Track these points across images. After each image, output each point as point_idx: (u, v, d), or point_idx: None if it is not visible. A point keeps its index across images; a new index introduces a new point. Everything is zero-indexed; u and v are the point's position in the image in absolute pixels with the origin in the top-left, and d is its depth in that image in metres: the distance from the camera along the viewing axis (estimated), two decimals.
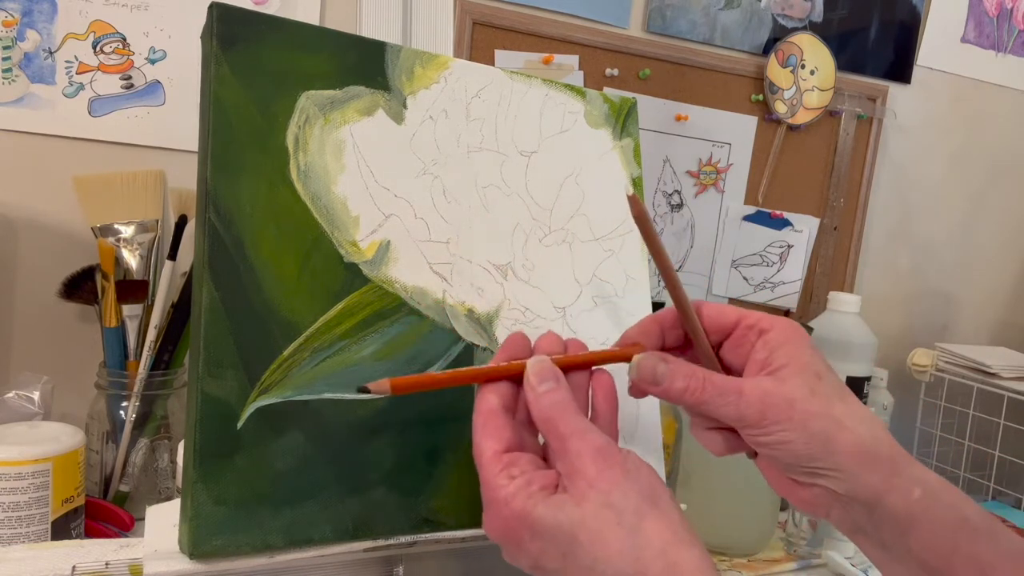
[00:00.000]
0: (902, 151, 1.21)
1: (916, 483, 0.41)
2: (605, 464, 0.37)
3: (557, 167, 0.56)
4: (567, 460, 0.38)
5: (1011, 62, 1.26)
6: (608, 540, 0.35)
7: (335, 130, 0.48)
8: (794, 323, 0.44)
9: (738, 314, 0.45)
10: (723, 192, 1.09)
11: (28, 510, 0.59)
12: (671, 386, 0.42)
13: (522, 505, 0.37)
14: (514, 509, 0.37)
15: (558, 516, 0.36)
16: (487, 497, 0.39)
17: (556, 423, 0.39)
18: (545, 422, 0.40)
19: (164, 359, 0.77)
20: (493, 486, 0.38)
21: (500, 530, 0.38)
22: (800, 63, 1.08)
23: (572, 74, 0.98)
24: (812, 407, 0.41)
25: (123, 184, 0.79)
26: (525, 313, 0.53)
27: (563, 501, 0.37)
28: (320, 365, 0.46)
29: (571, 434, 0.39)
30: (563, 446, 0.39)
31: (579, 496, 0.37)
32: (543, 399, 0.40)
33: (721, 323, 0.45)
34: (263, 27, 0.46)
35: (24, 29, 0.77)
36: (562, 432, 0.39)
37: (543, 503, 0.37)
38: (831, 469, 0.41)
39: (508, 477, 0.38)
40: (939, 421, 1.13)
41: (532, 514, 0.37)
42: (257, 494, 0.43)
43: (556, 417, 0.39)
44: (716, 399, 0.42)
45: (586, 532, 0.36)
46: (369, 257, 0.48)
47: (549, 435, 0.40)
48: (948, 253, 1.28)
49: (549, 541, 0.36)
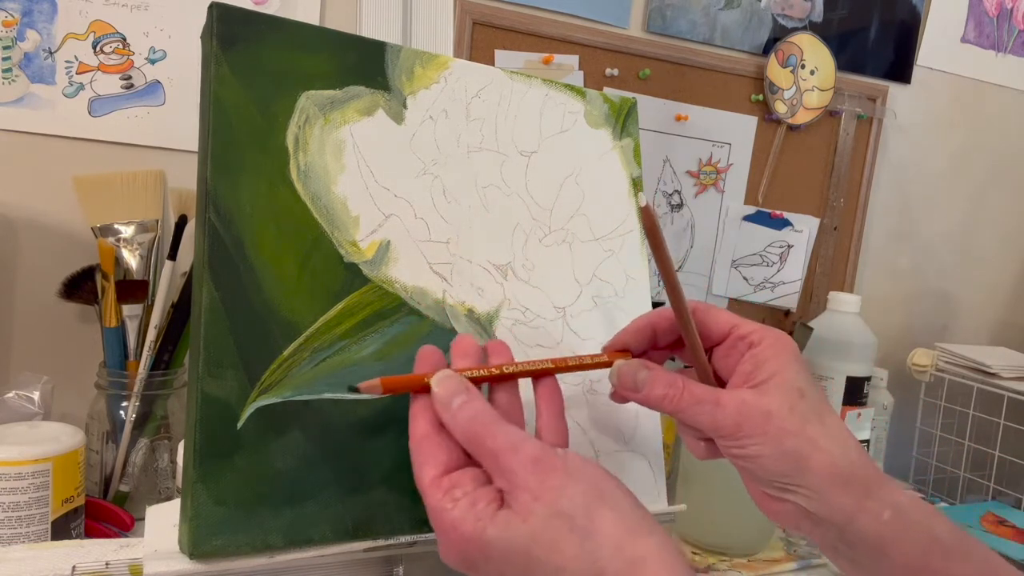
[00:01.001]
0: (902, 151, 1.21)
1: (887, 505, 0.41)
2: (544, 473, 0.36)
3: (557, 167, 0.56)
4: (504, 476, 0.37)
5: (1011, 62, 1.26)
6: (563, 548, 0.35)
7: (335, 130, 0.48)
8: (785, 337, 0.44)
9: (731, 323, 0.45)
10: (723, 192, 1.09)
11: (28, 510, 0.59)
12: (650, 393, 0.43)
13: (472, 528, 0.36)
14: (463, 534, 0.36)
15: (508, 536, 0.35)
16: (436, 525, 0.37)
17: (482, 439, 0.38)
18: (470, 440, 0.38)
19: (164, 359, 0.77)
20: (438, 511, 0.37)
21: (455, 557, 0.37)
22: (800, 63, 1.08)
23: (572, 74, 0.98)
24: (788, 424, 0.41)
25: (123, 184, 0.79)
26: (525, 313, 0.53)
27: (510, 519, 0.36)
28: (320, 365, 0.46)
29: (501, 450, 0.37)
30: (496, 464, 0.37)
31: (525, 511, 0.36)
32: (459, 415, 0.38)
33: (714, 330, 0.45)
34: (263, 27, 0.46)
35: (24, 29, 0.77)
36: (491, 448, 0.37)
37: (491, 524, 0.36)
38: (802, 487, 0.41)
39: (451, 500, 0.37)
40: (939, 421, 1.13)
41: (482, 537, 0.35)
42: (257, 494, 0.43)
43: (480, 432, 0.38)
44: (693, 407, 0.42)
45: (539, 546, 0.35)
46: (369, 257, 0.48)
47: (478, 453, 0.38)
48: (948, 253, 1.28)
49: (505, 563, 0.35)
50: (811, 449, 0.41)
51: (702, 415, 0.42)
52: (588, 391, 0.54)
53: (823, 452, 0.41)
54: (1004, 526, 0.94)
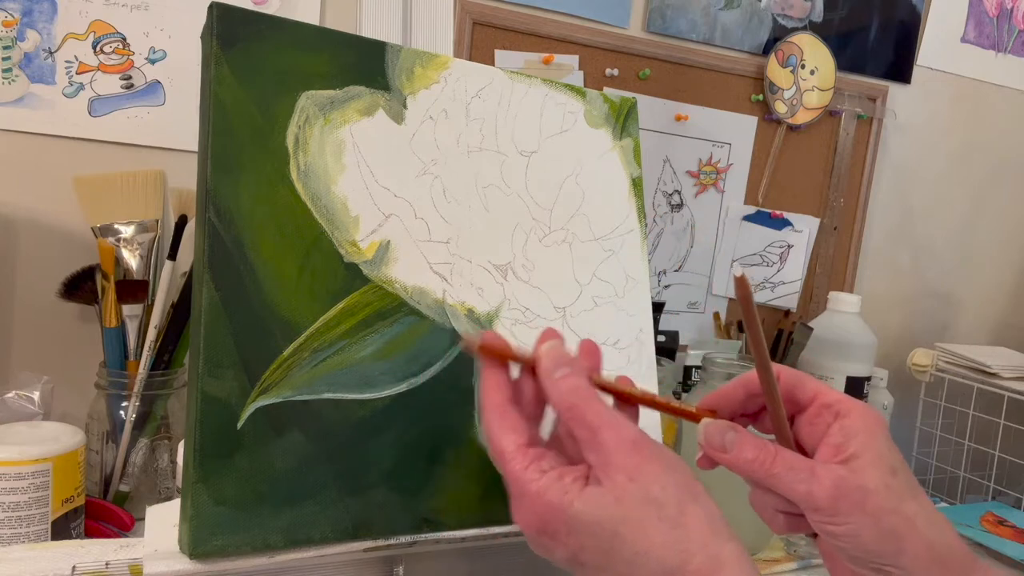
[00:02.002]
0: (902, 151, 1.21)
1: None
2: (642, 457, 0.37)
3: (557, 167, 0.56)
4: (601, 452, 0.37)
5: (1011, 62, 1.26)
6: (650, 534, 0.35)
7: (335, 130, 0.48)
8: (874, 410, 0.42)
9: (815, 389, 0.43)
10: (723, 192, 1.09)
11: (28, 510, 0.59)
12: (739, 455, 0.41)
13: (558, 499, 0.36)
14: (549, 502, 0.37)
15: (597, 512, 0.36)
16: (516, 491, 0.38)
17: (582, 412, 0.38)
18: (569, 410, 0.39)
19: (164, 359, 0.77)
20: (523, 480, 0.37)
21: (535, 524, 0.37)
22: (800, 63, 1.08)
23: (572, 74, 0.98)
24: (886, 502, 0.39)
25: (123, 184, 0.79)
26: (525, 313, 0.53)
27: (601, 496, 0.36)
28: (320, 365, 0.46)
29: (603, 425, 0.37)
30: (594, 437, 0.37)
31: (618, 490, 0.36)
32: (561, 384, 0.39)
33: (797, 396, 0.44)
34: (263, 27, 0.46)
35: (24, 29, 0.77)
36: (591, 422, 0.38)
37: (579, 498, 0.36)
38: (896, 568, 0.40)
39: (538, 471, 0.37)
40: (939, 421, 1.13)
41: (569, 509, 0.36)
42: (257, 494, 0.43)
43: (581, 405, 0.38)
44: (787, 474, 0.40)
45: (628, 526, 0.35)
46: (369, 257, 0.48)
47: (575, 424, 0.38)
48: (948, 253, 1.28)
49: (589, 536, 0.36)
50: (908, 529, 0.39)
51: (797, 483, 0.40)
52: None
53: (920, 533, 0.39)
54: (1004, 526, 0.94)
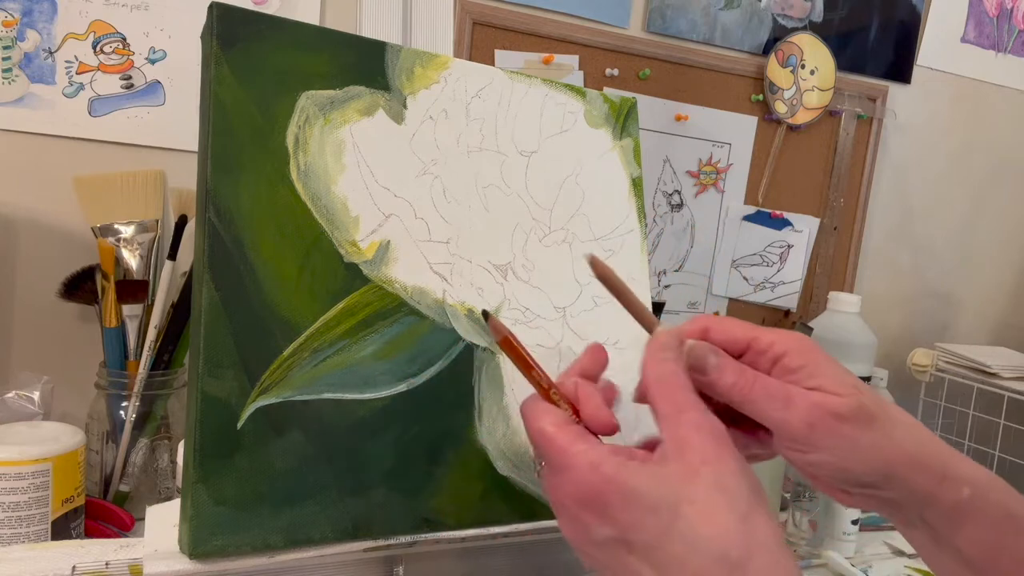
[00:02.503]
0: (902, 151, 1.21)
1: (965, 482, 0.41)
2: (722, 448, 0.36)
3: (557, 167, 0.56)
4: (680, 430, 0.36)
5: (1011, 62, 1.26)
6: (718, 520, 0.34)
7: (335, 130, 0.48)
8: (806, 338, 0.43)
9: (749, 336, 0.43)
10: (723, 192, 1.09)
11: (28, 510, 0.59)
12: (720, 378, 0.41)
13: (615, 471, 0.35)
14: (605, 474, 0.35)
15: (662, 488, 0.34)
16: (562, 463, 0.36)
17: (675, 390, 0.38)
18: (662, 385, 0.38)
19: (164, 359, 0.77)
20: (572, 452, 0.36)
21: (580, 496, 0.36)
22: (800, 63, 1.08)
23: (572, 74, 0.98)
24: (859, 423, 0.40)
25: (123, 184, 0.79)
26: (525, 313, 0.53)
27: (670, 473, 0.35)
28: (320, 365, 0.46)
29: (691, 407, 0.37)
30: (679, 416, 0.37)
31: (690, 470, 0.35)
32: (665, 364, 0.39)
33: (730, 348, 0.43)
34: (263, 27, 0.46)
35: (24, 29, 0.77)
36: (680, 401, 0.37)
37: (642, 471, 0.35)
38: (881, 481, 0.41)
39: (586, 442, 0.36)
40: (939, 421, 1.13)
41: (629, 482, 0.35)
42: (257, 494, 0.43)
43: (678, 386, 0.38)
44: (764, 400, 0.40)
45: (694, 507, 0.34)
46: (369, 257, 0.48)
47: (663, 400, 0.38)
48: (948, 253, 1.28)
49: (647, 512, 0.34)
50: (885, 442, 0.40)
51: (773, 410, 0.40)
52: None
53: (896, 443, 0.40)
54: None
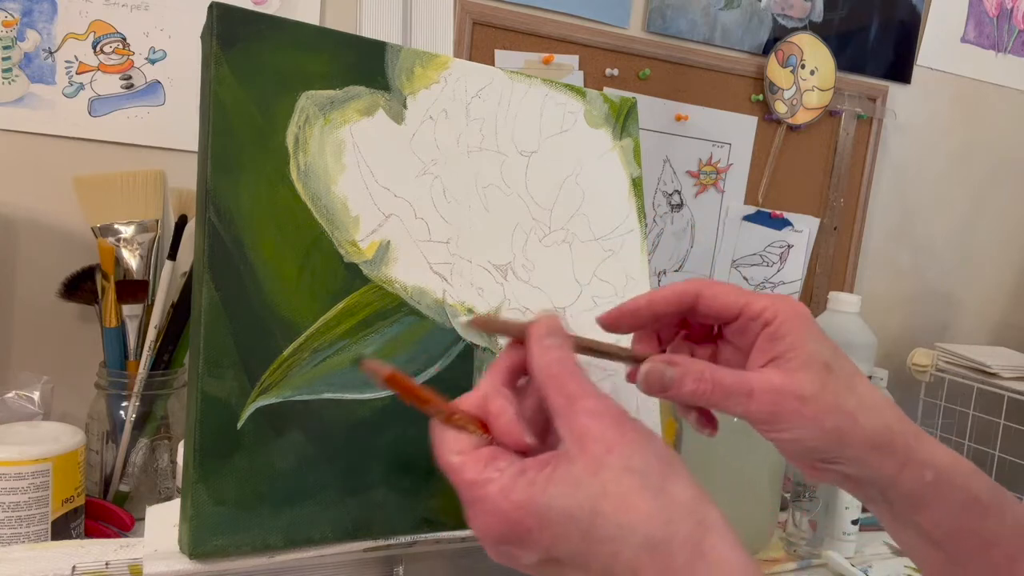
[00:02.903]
0: (902, 151, 1.21)
1: (928, 466, 0.42)
2: (622, 429, 0.35)
3: (557, 167, 0.56)
4: (578, 422, 0.35)
5: (1011, 62, 1.26)
6: (635, 504, 0.33)
7: (335, 130, 0.48)
8: (798, 307, 0.43)
9: (741, 303, 0.43)
10: (723, 192, 1.09)
11: (28, 510, 0.59)
12: (680, 390, 0.42)
13: (525, 493, 0.34)
14: (516, 500, 0.34)
15: (573, 492, 0.33)
16: (472, 496, 0.35)
17: (565, 380, 0.36)
18: (550, 377, 0.37)
19: (164, 359, 0.77)
20: (480, 483, 0.35)
21: (500, 528, 0.34)
22: (800, 63, 1.08)
23: (572, 74, 0.97)
24: (824, 403, 0.41)
25: (123, 184, 0.79)
26: (525, 313, 0.53)
27: (576, 473, 0.34)
28: (320, 365, 0.46)
29: (584, 395, 0.36)
30: (572, 407, 0.35)
31: (595, 463, 0.34)
32: (549, 352, 0.37)
33: (722, 314, 0.44)
34: (263, 27, 0.46)
35: (24, 29, 0.77)
36: (571, 391, 0.36)
37: (550, 483, 0.34)
38: (843, 459, 0.42)
39: (496, 470, 0.35)
40: (939, 421, 1.13)
41: (540, 500, 0.33)
42: (257, 494, 0.43)
43: (565, 374, 0.37)
44: (726, 401, 0.41)
45: (609, 501, 0.33)
46: (369, 257, 0.48)
47: (554, 393, 0.36)
48: (948, 253, 1.28)
49: (566, 522, 0.33)
50: (849, 424, 0.41)
51: (736, 407, 0.41)
52: None
53: (860, 425, 0.41)
54: None
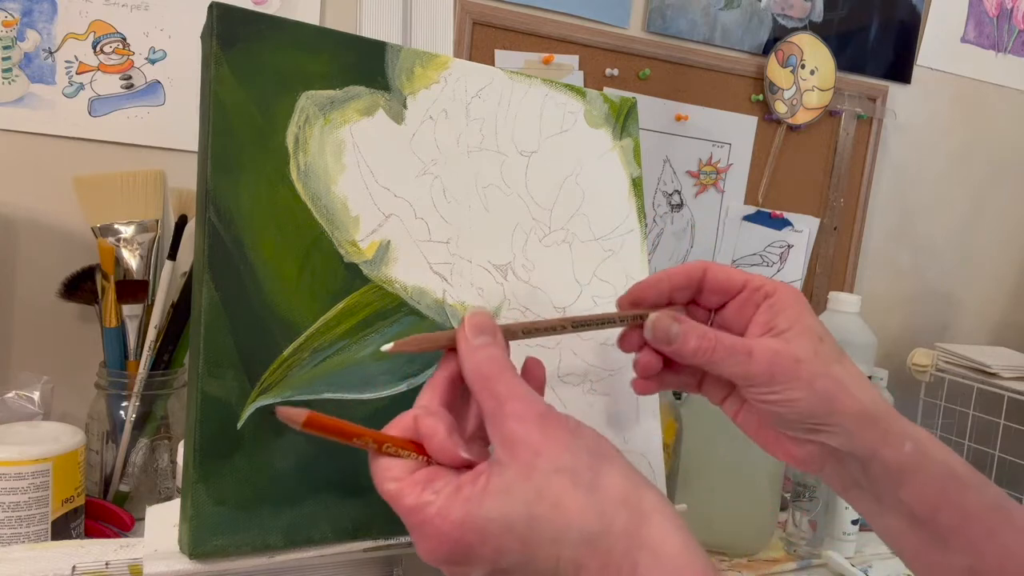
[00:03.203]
0: (902, 151, 1.21)
1: (907, 438, 0.43)
2: (548, 430, 0.35)
3: (557, 167, 0.56)
4: (506, 425, 0.35)
5: (1011, 62, 1.26)
6: (567, 505, 0.33)
7: (335, 130, 0.48)
8: (796, 289, 0.46)
9: (744, 277, 0.47)
10: (723, 192, 1.09)
11: (28, 510, 0.59)
12: (684, 346, 0.44)
13: (463, 511, 0.33)
14: (454, 520, 0.33)
15: (508, 500, 0.33)
16: (414, 523, 0.35)
17: (494, 382, 0.36)
18: (480, 379, 0.37)
19: (164, 359, 0.77)
20: (419, 508, 0.34)
21: (444, 550, 0.34)
22: (800, 63, 1.08)
23: (572, 74, 0.98)
24: (817, 367, 0.43)
25: (123, 184, 0.79)
26: (525, 313, 0.53)
27: (508, 480, 0.34)
28: (320, 365, 0.46)
29: (512, 396, 0.35)
30: (501, 409, 0.35)
31: (526, 468, 0.34)
32: (478, 353, 0.37)
33: (728, 286, 0.47)
34: (263, 27, 0.46)
35: (24, 29, 0.77)
36: (500, 393, 0.36)
37: (485, 496, 0.34)
38: (832, 426, 0.43)
39: (432, 492, 0.34)
40: (939, 421, 1.13)
41: (477, 515, 0.33)
42: (257, 494, 0.43)
43: (494, 375, 0.36)
44: (727, 359, 0.43)
45: (543, 504, 0.33)
46: (369, 257, 0.48)
47: (483, 395, 0.36)
48: (948, 253, 1.28)
49: (505, 533, 0.33)
50: (839, 389, 0.43)
51: (736, 366, 0.43)
52: (588, 391, 0.54)
53: (850, 392, 0.43)
54: None
